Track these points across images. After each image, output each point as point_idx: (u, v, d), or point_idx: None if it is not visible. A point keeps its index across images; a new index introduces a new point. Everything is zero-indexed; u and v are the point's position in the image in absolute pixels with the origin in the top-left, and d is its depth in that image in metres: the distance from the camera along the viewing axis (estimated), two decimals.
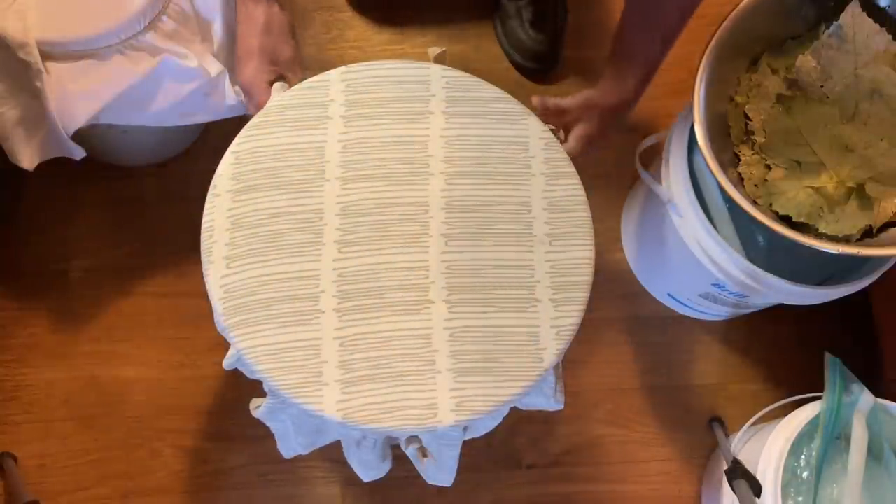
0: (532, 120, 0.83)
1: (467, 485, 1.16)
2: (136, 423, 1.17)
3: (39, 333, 1.20)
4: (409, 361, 0.74)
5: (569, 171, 0.81)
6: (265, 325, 0.74)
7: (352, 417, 0.72)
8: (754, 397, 1.23)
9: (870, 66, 0.91)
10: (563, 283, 0.77)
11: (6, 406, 1.17)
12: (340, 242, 0.77)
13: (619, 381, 1.23)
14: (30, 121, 1.01)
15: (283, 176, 0.79)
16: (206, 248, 0.76)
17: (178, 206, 1.25)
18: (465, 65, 1.36)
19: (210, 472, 1.16)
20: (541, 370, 0.74)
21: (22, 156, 1.02)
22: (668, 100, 1.35)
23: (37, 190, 1.26)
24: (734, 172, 0.93)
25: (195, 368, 1.19)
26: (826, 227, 0.90)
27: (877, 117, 0.91)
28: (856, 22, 0.91)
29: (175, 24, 1.02)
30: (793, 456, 0.94)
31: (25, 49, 0.95)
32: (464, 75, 0.85)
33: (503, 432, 1.16)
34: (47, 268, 1.23)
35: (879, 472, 0.95)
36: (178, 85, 1.02)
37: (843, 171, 0.90)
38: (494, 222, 0.79)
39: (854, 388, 0.96)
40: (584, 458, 1.19)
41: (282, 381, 0.72)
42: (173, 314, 1.21)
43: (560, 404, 0.84)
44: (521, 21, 1.33)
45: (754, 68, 0.95)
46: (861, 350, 1.21)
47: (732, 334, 1.26)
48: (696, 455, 1.20)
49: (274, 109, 0.82)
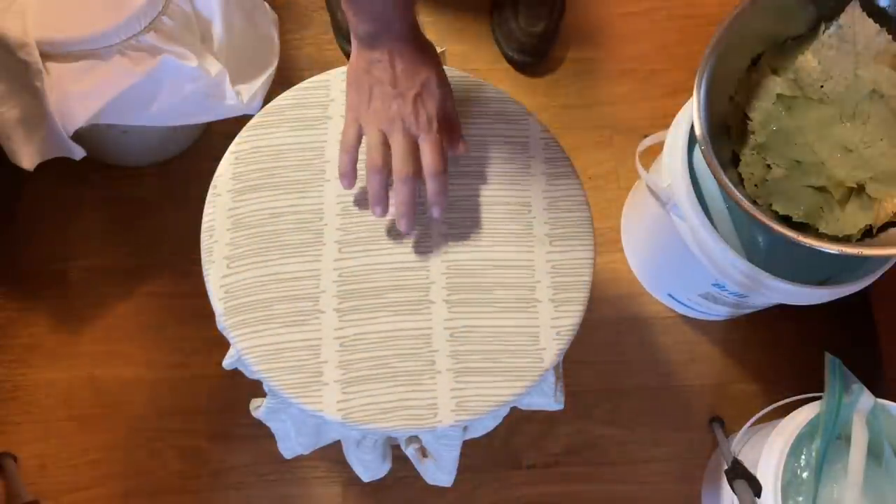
0: (532, 120, 0.83)
1: (467, 485, 1.16)
2: (136, 423, 1.17)
3: (39, 333, 1.20)
4: (409, 361, 0.74)
5: (569, 171, 0.81)
6: (265, 325, 0.74)
7: (352, 417, 0.72)
8: (754, 397, 1.23)
9: (870, 66, 0.91)
10: (563, 283, 0.77)
11: (6, 406, 1.17)
12: (341, 242, 0.77)
13: (619, 381, 1.23)
14: (30, 121, 1.01)
15: (283, 176, 0.79)
16: (207, 248, 0.76)
17: (179, 206, 1.25)
18: (465, 65, 1.38)
19: (210, 472, 1.16)
20: (541, 370, 0.74)
21: (22, 156, 1.02)
22: (668, 100, 1.36)
23: (37, 190, 1.26)
24: (734, 172, 0.93)
25: (195, 368, 1.19)
26: (826, 227, 0.89)
27: (877, 117, 0.91)
28: (856, 22, 0.91)
29: (175, 24, 1.02)
30: (793, 456, 0.94)
31: (25, 49, 0.95)
32: (464, 75, 0.85)
33: (503, 432, 1.16)
34: (47, 268, 1.23)
35: (879, 472, 0.95)
36: (178, 85, 1.02)
37: (843, 171, 0.90)
38: (494, 222, 0.78)
39: (854, 388, 0.96)
40: (584, 458, 1.19)
41: (282, 381, 0.72)
42: (173, 314, 1.21)
43: (560, 404, 0.84)
44: (514, 12, 1.33)
45: (754, 68, 0.95)
46: (861, 350, 1.21)
47: (732, 334, 1.26)
48: (696, 455, 1.20)
49: (274, 109, 0.82)
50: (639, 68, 1.38)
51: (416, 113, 0.68)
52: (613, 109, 1.36)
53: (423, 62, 0.69)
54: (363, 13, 0.66)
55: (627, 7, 1.42)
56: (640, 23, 1.41)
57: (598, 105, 1.36)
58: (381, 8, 0.66)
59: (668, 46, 1.40)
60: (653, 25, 1.41)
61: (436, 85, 0.70)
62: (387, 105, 0.68)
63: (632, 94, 1.36)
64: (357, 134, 0.71)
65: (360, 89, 0.70)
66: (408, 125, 0.68)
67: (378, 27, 0.66)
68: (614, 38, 1.40)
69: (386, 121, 0.69)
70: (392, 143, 0.69)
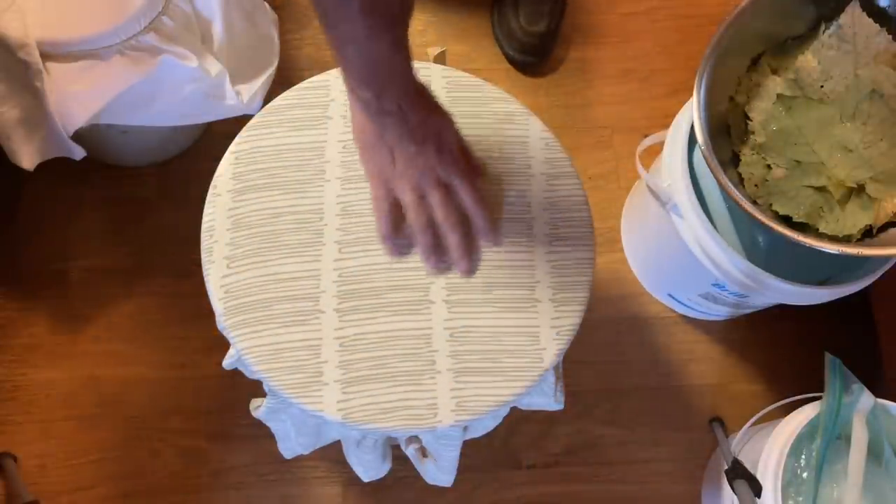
0: (532, 120, 0.83)
1: (467, 485, 1.16)
2: (136, 423, 1.17)
3: (39, 333, 1.20)
4: (409, 361, 0.74)
5: (569, 171, 0.81)
6: (265, 325, 0.74)
7: (352, 417, 0.72)
8: (754, 397, 1.23)
9: (870, 66, 0.91)
10: (563, 283, 0.77)
11: (6, 406, 1.17)
12: (341, 242, 0.77)
13: (619, 381, 1.23)
14: (30, 121, 1.01)
15: (283, 176, 0.79)
16: (207, 248, 0.76)
17: (179, 206, 1.25)
18: (465, 65, 1.37)
19: (210, 472, 1.16)
20: (541, 370, 0.74)
21: (22, 156, 1.02)
22: (668, 100, 1.36)
23: (37, 190, 1.26)
24: (734, 172, 0.93)
25: (195, 368, 1.19)
26: (826, 227, 0.89)
27: (877, 117, 0.91)
28: (856, 22, 0.91)
29: (175, 24, 1.02)
30: (793, 456, 0.94)
31: (25, 49, 0.95)
32: (464, 75, 0.85)
33: (503, 432, 1.16)
34: (47, 268, 1.23)
35: (879, 472, 0.95)
36: (178, 85, 1.02)
37: (843, 171, 0.90)
38: (494, 222, 0.78)
39: (854, 388, 0.96)
40: (584, 458, 1.19)
41: (282, 381, 0.72)
42: (173, 314, 1.21)
43: (560, 404, 0.84)
44: (515, 11, 1.33)
45: (754, 68, 0.95)
46: (861, 350, 1.21)
47: (732, 334, 1.26)
48: (696, 455, 1.20)
49: (274, 109, 0.82)
50: (639, 68, 1.38)
51: (442, 162, 0.68)
52: (613, 109, 1.36)
53: (430, 109, 0.68)
54: (362, 77, 0.63)
55: (628, 7, 1.42)
56: (640, 23, 1.41)
57: (598, 105, 1.36)
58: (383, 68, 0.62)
59: (668, 46, 1.40)
60: (653, 25, 1.41)
61: (449, 126, 0.70)
62: (413, 163, 0.67)
63: (632, 94, 1.36)
64: (389, 199, 0.69)
65: (379, 154, 0.68)
66: (440, 176, 0.68)
67: (379, 88, 0.63)
68: (615, 38, 1.40)
69: (417, 179, 0.68)
70: (431, 198, 0.68)
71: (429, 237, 0.68)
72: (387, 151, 0.67)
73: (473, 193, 0.68)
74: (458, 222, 0.67)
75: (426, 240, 0.68)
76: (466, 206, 0.68)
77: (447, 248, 0.68)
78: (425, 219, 0.67)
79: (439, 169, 0.67)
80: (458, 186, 0.68)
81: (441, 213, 0.67)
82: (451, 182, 0.68)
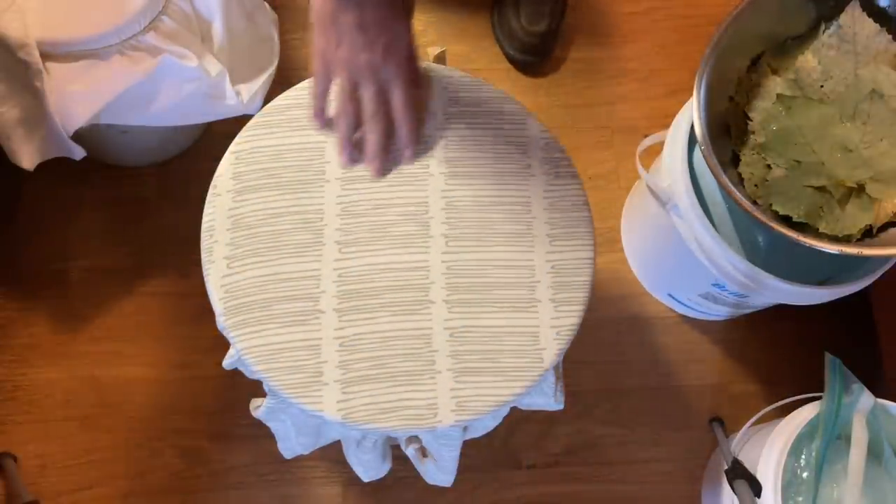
0: (532, 120, 0.83)
1: (467, 485, 1.16)
2: (137, 423, 1.17)
3: (39, 333, 1.20)
4: (409, 361, 0.74)
5: (569, 171, 0.81)
6: (265, 325, 0.74)
7: (352, 417, 0.72)
8: (754, 397, 1.23)
9: (870, 66, 0.91)
10: (564, 283, 0.77)
11: (6, 406, 1.17)
12: (341, 243, 0.77)
13: (619, 381, 1.23)
14: (30, 121, 1.01)
15: (283, 176, 0.79)
16: (207, 248, 0.76)
17: (179, 206, 1.25)
18: (465, 65, 1.37)
19: (210, 472, 1.16)
20: (541, 370, 0.74)
21: (22, 156, 1.02)
22: (668, 100, 1.36)
23: (37, 190, 1.25)
24: (734, 172, 0.93)
25: (195, 368, 1.19)
26: (826, 227, 0.89)
27: (877, 117, 0.91)
28: (856, 22, 0.91)
29: (175, 24, 1.02)
30: (793, 456, 0.94)
31: (25, 49, 0.95)
32: (464, 75, 0.85)
33: (503, 432, 1.16)
34: (47, 268, 1.23)
35: (879, 472, 0.95)
36: (178, 85, 1.02)
37: (843, 171, 0.90)
38: (494, 222, 0.79)
39: (854, 388, 0.96)
40: (584, 458, 1.19)
41: (282, 382, 0.72)
42: (173, 314, 1.21)
43: (560, 404, 0.84)
44: (516, 11, 1.33)
45: (754, 68, 0.95)
46: (861, 350, 1.21)
47: (732, 334, 1.26)
48: (696, 455, 1.20)
49: (274, 109, 0.82)
50: (639, 68, 1.38)
51: (386, 62, 0.68)
52: (613, 109, 1.36)
53: (393, 17, 0.69)
54: None
55: (628, 7, 1.42)
56: (640, 23, 1.41)
57: (598, 105, 1.36)
58: None
59: (668, 46, 1.40)
60: (653, 25, 1.41)
61: (405, 34, 0.70)
62: (357, 54, 0.68)
63: (632, 94, 1.36)
64: (327, 80, 0.70)
65: (329, 34, 0.68)
66: (381, 76, 0.68)
67: None
68: (615, 38, 1.40)
69: (355, 69, 0.69)
70: (364, 90, 0.69)
71: (348, 125, 0.68)
72: (336, 34, 0.67)
73: (407, 101, 0.68)
74: (382, 121, 0.68)
75: (345, 128, 0.68)
76: (396, 110, 0.68)
77: (365, 143, 0.68)
78: (351, 107, 0.68)
79: (382, 68, 0.67)
80: (394, 88, 0.68)
81: (369, 109, 0.68)
82: (388, 85, 0.68)
